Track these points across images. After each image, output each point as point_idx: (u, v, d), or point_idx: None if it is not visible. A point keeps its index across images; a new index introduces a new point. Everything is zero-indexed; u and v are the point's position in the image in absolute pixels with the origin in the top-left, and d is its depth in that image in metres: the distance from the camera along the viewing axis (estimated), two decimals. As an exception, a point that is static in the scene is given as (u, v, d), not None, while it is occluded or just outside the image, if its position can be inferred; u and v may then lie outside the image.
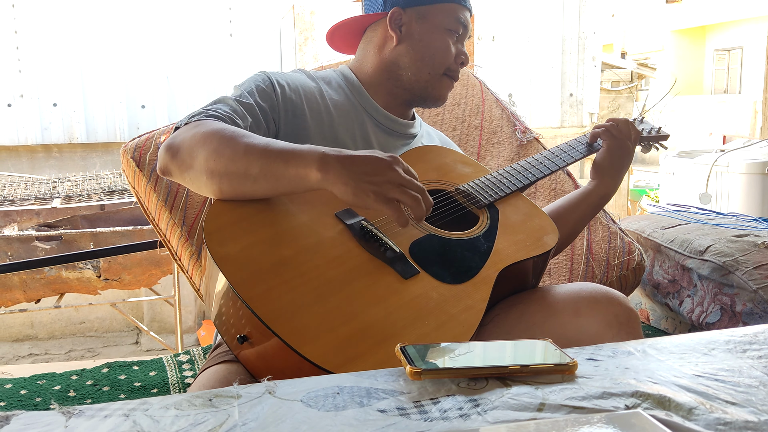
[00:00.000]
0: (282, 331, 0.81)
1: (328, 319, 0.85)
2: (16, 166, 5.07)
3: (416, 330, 0.87)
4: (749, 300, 1.50)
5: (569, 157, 1.30)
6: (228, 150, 0.95)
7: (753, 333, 0.71)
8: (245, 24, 5.27)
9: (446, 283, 0.95)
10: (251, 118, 1.09)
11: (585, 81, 5.24)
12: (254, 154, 0.93)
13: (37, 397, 1.49)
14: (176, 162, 1.00)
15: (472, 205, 1.13)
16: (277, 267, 0.90)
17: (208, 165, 0.96)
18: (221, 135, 0.96)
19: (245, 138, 0.96)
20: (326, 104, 1.19)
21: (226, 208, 0.97)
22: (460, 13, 1.21)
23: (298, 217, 0.99)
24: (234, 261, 0.89)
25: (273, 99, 1.14)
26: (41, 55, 4.96)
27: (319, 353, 0.80)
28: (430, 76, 1.22)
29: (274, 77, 1.16)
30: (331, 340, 0.83)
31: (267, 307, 0.83)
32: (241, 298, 0.84)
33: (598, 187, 1.26)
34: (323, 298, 0.88)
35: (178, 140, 1.00)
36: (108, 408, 0.55)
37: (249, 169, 0.94)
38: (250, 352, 0.87)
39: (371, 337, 0.85)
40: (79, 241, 2.94)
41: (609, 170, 1.26)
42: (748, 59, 12.15)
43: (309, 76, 1.24)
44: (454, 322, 0.90)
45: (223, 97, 1.11)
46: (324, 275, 0.91)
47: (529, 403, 0.55)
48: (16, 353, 3.90)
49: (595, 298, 0.98)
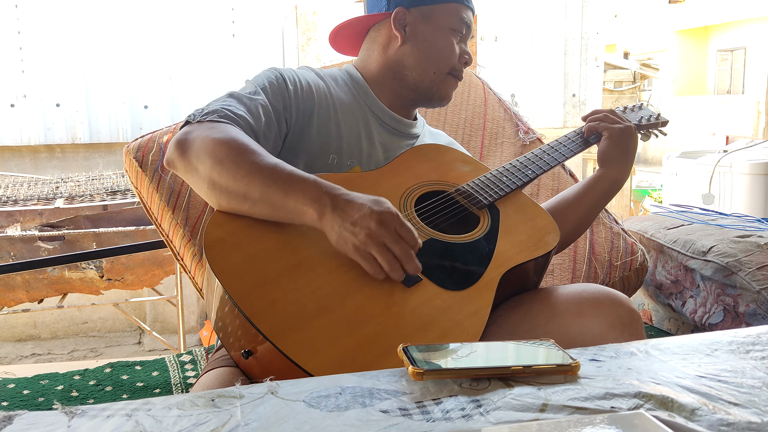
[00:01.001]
0: (284, 346, 0.80)
1: (332, 331, 0.84)
2: (19, 166, 5.08)
3: (421, 339, 0.87)
4: (752, 301, 1.50)
5: (568, 151, 1.28)
6: (233, 166, 0.94)
7: (756, 334, 0.71)
8: (248, 24, 5.27)
9: (449, 290, 0.95)
10: (264, 117, 1.08)
11: (588, 81, 5.23)
12: (257, 178, 0.93)
13: (40, 397, 1.49)
14: (183, 161, 0.99)
15: (473, 206, 1.12)
16: (278, 279, 0.89)
17: (212, 176, 0.96)
18: (230, 147, 0.95)
19: (252, 156, 0.95)
20: (333, 102, 1.19)
21: (227, 218, 0.97)
22: (463, 12, 1.21)
23: (299, 227, 0.98)
24: (234, 274, 0.88)
25: (286, 98, 1.13)
26: (44, 56, 4.97)
27: (322, 367, 0.79)
28: (435, 76, 1.22)
29: (286, 75, 1.16)
30: (335, 352, 0.82)
31: (269, 321, 0.83)
32: (243, 313, 0.83)
33: (608, 173, 1.24)
34: (326, 310, 0.87)
35: (190, 138, 0.99)
36: (110, 408, 0.55)
37: (249, 192, 0.94)
38: (255, 365, 0.86)
39: (376, 348, 0.84)
40: (81, 242, 2.94)
41: (617, 156, 1.24)
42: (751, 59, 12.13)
43: (316, 73, 1.24)
44: (459, 329, 0.90)
45: (236, 93, 1.10)
46: (326, 286, 0.90)
47: (531, 404, 0.55)
48: (19, 353, 3.90)
49: (598, 299, 0.98)
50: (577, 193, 1.26)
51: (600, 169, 1.26)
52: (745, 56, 12.39)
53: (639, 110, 1.43)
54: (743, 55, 12.47)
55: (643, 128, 1.40)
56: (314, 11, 4.66)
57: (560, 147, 1.29)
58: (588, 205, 1.24)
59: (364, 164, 1.18)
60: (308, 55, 4.63)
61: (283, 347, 0.80)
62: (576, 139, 1.30)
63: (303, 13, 4.64)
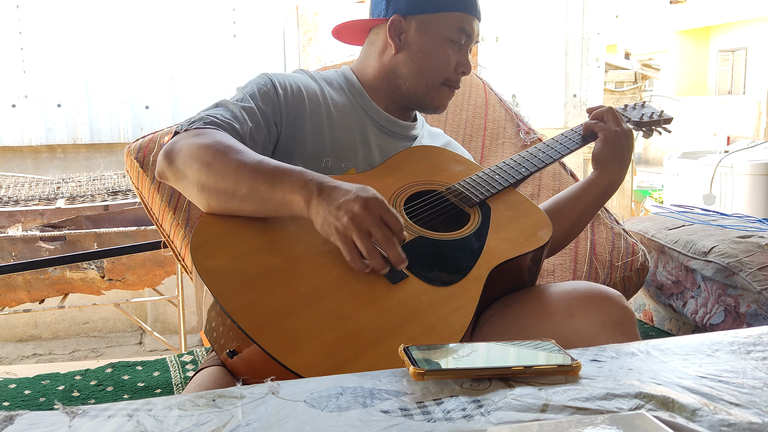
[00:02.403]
0: (264, 341, 0.80)
1: (314, 325, 0.84)
2: (20, 166, 5.08)
3: (404, 333, 0.86)
4: (753, 301, 1.50)
5: (565, 148, 1.26)
6: (220, 166, 0.95)
7: (757, 334, 0.71)
8: (249, 25, 5.27)
9: (435, 286, 0.94)
10: (252, 123, 1.08)
11: (589, 82, 5.22)
12: (243, 174, 0.94)
13: (41, 397, 1.49)
14: (172, 169, 1.00)
15: (464, 204, 1.11)
16: (263, 277, 0.89)
17: (200, 178, 0.96)
18: (215, 149, 0.96)
19: (237, 155, 0.96)
20: (327, 106, 1.19)
21: (214, 220, 0.97)
22: (464, 22, 1.18)
23: (286, 226, 0.98)
24: (219, 274, 0.88)
25: (275, 102, 1.13)
26: (45, 56, 4.98)
27: (302, 362, 0.79)
28: (428, 87, 1.21)
29: (276, 80, 1.16)
30: (317, 346, 0.82)
31: (251, 318, 0.83)
32: (224, 311, 0.83)
33: (603, 176, 1.22)
34: (310, 305, 0.87)
35: (176, 147, 1.00)
36: (111, 408, 0.55)
37: (237, 189, 0.94)
38: (240, 365, 0.86)
39: (358, 342, 0.83)
40: (83, 242, 2.95)
41: (613, 159, 1.22)
42: (752, 60, 12.13)
43: (311, 76, 1.24)
44: (443, 324, 0.89)
45: (223, 101, 1.11)
46: (311, 283, 0.90)
47: (532, 404, 0.55)
48: (20, 353, 3.91)
49: (589, 297, 0.96)
50: (570, 196, 1.24)
51: (594, 172, 1.23)
52: (747, 57, 12.39)
53: (642, 108, 1.42)
54: (744, 56, 12.47)
55: (645, 125, 1.38)
56: (315, 12, 4.67)
57: (556, 144, 1.27)
58: (582, 209, 1.23)
59: (359, 167, 1.17)
60: (309, 56, 4.63)
61: (263, 343, 0.80)
62: (574, 136, 1.28)
63: (304, 13, 4.64)
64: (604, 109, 1.26)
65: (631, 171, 5.31)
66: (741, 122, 9.83)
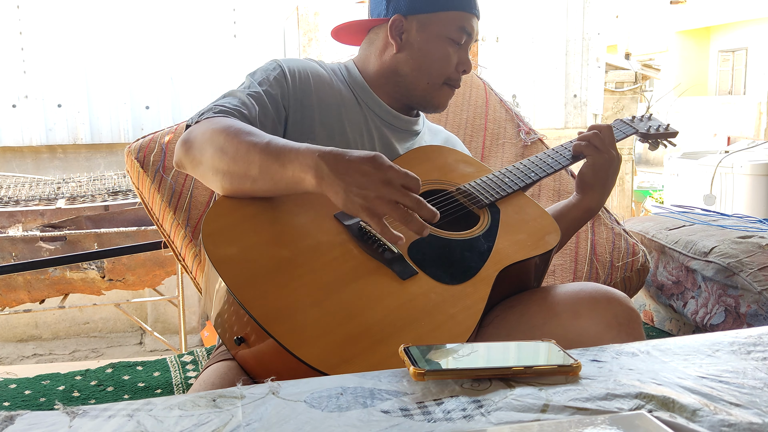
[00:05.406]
0: (278, 333, 0.81)
1: (325, 320, 0.85)
2: (20, 166, 5.08)
3: (413, 331, 0.87)
4: (753, 301, 1.50)
5: (572, 155, 1.28)
6: (231, 149, 0.96)
7: (757, 334, 0.71)
8: (249, 25, 5.27)
9: (444, 284, 0.95)
10: (259, 107, 1.10)
11: (589, 82, 5.23)
12: (254, 155, 0.94)
13: (42, 397, 1.49)
14: (189, 157, 1.03)
15: (473, 205, 1.12)
16: (274, 269, 0.90)
17: (214, 163, 0.98)
18: (227, 133, 0.98)
19: (248, 136, 0.97)
20: (335, 94, 1.20)
21: (225, 210, 0.98)
22: (464, 21, 1.19)
23: (297, 218, 0.99)
24: (231, 263, 0.89)
25: (284, 86, 1.15)
26: (46, 57, 4.98)
27: (314, 355, 0.79)
28: (429, 86, 1.21)
29: (285, 65, 1.18)
30: (328, 341, 0.82)
31: (263, 309, 0.83)
32: (237, 300, 0.83)
33: (582, 201, 1.22)
34: (320, 299, 0.87)
35: (192, 137, 1.03)
36: (112, 408, 0.55)
37: (249, 170, 0.95)
38: (248, 354, 0.87)
39: (367, 338, 0.84)
40: (83, 242, 2.95)
41: (594, 184, 1.22)
42: (752, 60, 12.13)
43: (320, 64, 1.25)
44: (452, 322, 0.90)
45: (232, 91, 1.13)
46: (322, 277, 0.90)
47: (532, 405, 0.55)
48: (20, 353, 3.91)
49: (594, 298, 0.97)
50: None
51: (575, 195, 1.24)
52: (747, 57, 12.39)
53: (649, 120, 1.43)
54: (745, 56, 12.47)
55: (651, 137, 1.40)
56: (315, 12, 4.67)
57: (565, 151, 1.29)
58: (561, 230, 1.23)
59: None
60: (309, 56, 4.63)
61: (276, 334, 0.80)
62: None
63: (304, 13, 4.65)
64: (590, 133, 1.24)
65: (632, 171, 5.31)
66: (741, 122, 9.83)
